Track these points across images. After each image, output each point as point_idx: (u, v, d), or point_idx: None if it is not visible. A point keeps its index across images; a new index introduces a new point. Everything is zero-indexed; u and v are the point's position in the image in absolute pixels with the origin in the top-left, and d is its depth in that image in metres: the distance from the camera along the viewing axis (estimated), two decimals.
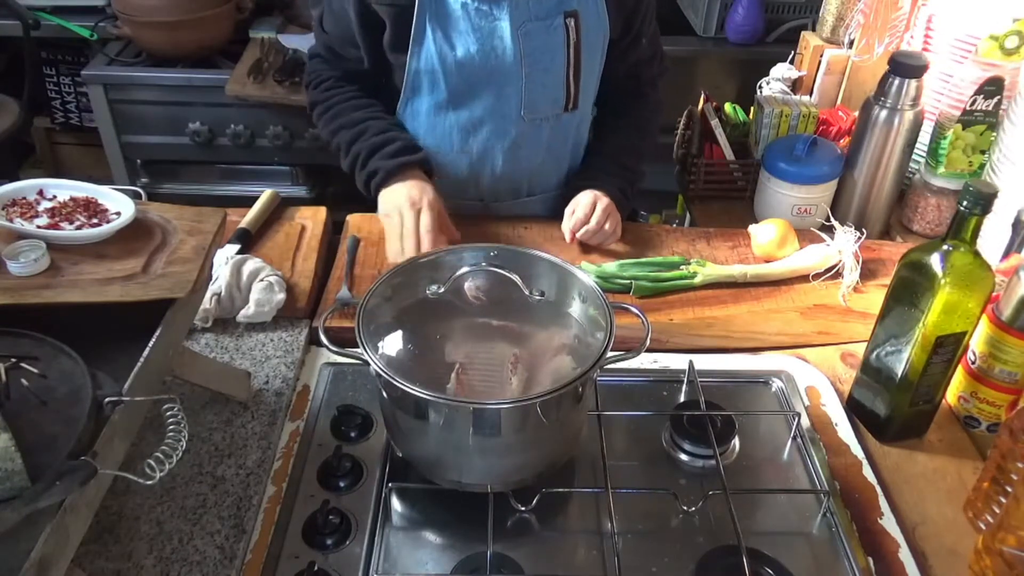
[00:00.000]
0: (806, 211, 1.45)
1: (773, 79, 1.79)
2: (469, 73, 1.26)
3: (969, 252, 0.89)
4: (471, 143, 1.34)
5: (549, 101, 1.32)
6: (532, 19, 1.24)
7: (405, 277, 0.94)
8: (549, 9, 1.24)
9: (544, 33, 1.25)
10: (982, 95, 1.36)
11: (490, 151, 1.35)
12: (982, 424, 1.03)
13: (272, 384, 1.05)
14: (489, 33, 1.23)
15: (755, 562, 0.85)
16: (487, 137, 1.33)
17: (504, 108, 1.30)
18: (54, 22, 2.39)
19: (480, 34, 1.23)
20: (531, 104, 1.30)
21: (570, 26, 1.25)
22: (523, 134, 1.33)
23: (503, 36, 1.23)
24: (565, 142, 1.40)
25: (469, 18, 1.23)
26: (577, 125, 1.39)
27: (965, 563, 0.88)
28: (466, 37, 1.24)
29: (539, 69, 1.27)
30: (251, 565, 0.84)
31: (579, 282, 0.93)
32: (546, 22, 1.24)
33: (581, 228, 1.29)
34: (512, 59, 1.25)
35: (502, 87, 1.28)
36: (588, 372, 0.82)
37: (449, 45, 1.24)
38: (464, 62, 1.25)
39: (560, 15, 1.25)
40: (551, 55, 1.27)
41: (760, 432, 1.04)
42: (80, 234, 0.84)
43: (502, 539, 0.88)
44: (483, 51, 1.24)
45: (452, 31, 1.24)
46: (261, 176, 2.41)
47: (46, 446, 0.65)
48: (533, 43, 1.25)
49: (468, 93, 1.29)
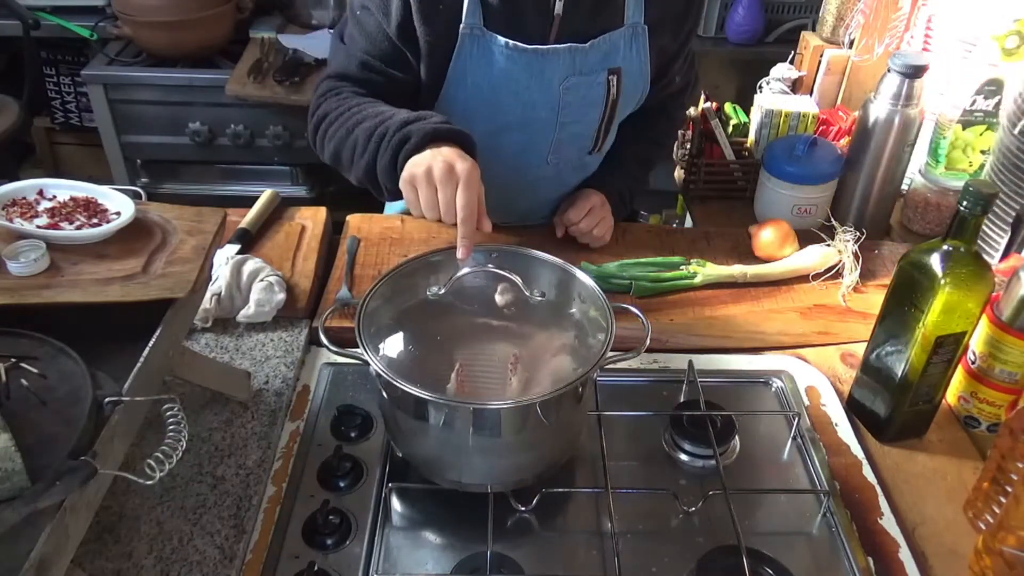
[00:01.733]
0: (806, 211, 1.45)
1: (773, 79, 1.79)
2: (502, 117, 1.21)
3: (969, 252, 0.89)
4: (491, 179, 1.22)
5: (576, 148, 1.29)
6: (576, 74, 1.18)
7: (405, 278, 0.94)
8: (593, 65, 1.19)
9: (585, 88, 1.21)
10: (982, 95, 1.36)
11: (508, 188, 1.30)
12: (982, 424, 1.03)
13: (272, 384, 1.05)
14: (530, 85, 1.18)
15: (755, 562, 0.85)
16: (508, 175, 1.28)
17: (531, 153, 1.26)
18: (54, 22, 2.39)
19: (520, 85, 1.17)
20: (558, 151, 1.28)
21: (612, 83, 1.22)
22: (545, 177, 1.32)
23: (546, 88, 1.18)
24: (580, 178, 1.39)
25: (512, 68, 1.16)
26: (595, 162, 1.38)
27: (965, 563, 0.88)
28: (506, 85, 1.17)
29: (573, 120, 1.24)
30: (251, 565, 0.84)
31: (579, 282, 0.94)
32: (589, 78, 1.20)
33: (571, 225, 1.31)
34: (550, 110, 1.21)
35: (533, 134, 1.24)
36: (588, 372, 0.82)
37: (486, 88, 1.18)
38: (499, 107, 1.20)
39: (604, 71, 1.20)
40: (588, 108, 1.24)
41: (760, 432, 1.04)
42: (80, 234, 0.84)
43: (502, 539, 0.88)
44: (521, 101, 1.19)
45: (492, 76, 1.17)
46: (261, 176, 2.42)
47: (46, 446, 0.65)
48: (572, 97, 1.20)
49: (497, 136, 1.23)
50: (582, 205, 1.31)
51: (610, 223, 1.33)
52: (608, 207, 1.33)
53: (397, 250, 1.31)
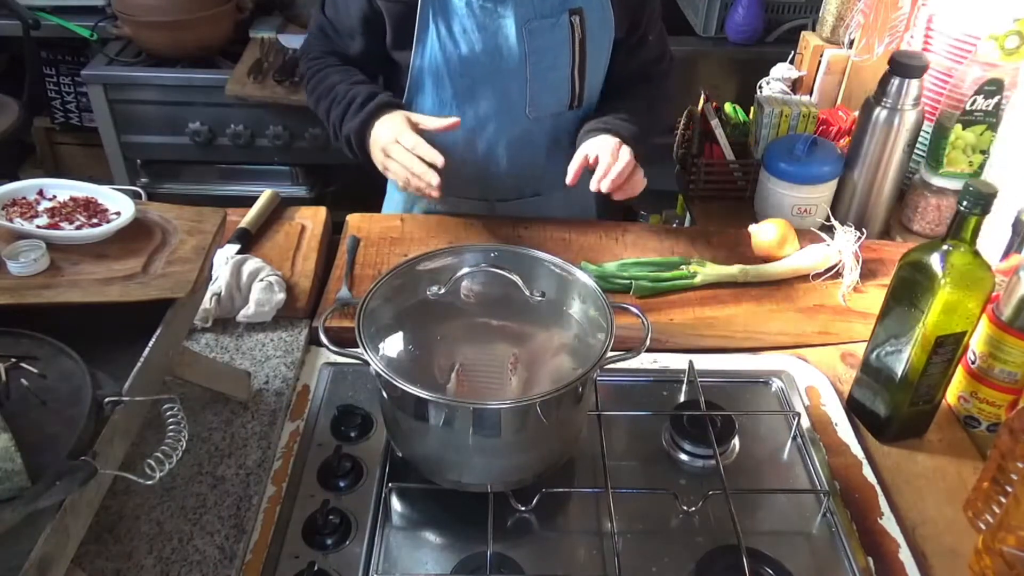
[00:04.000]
0: (806, 211, 1.45)
1: (773, 79, 1.79)
2: (474, 71, 1.26)
3: (969, 252, 0.89)
4: (476, 141, 1.34)
5: (554, 99, 1.32)
6: (537, 17, 1.24)
7: (405, 278, 0.94)
8: (553, 7, 1.24)
9: (549, 31, 1.25)
10: (982, 95, 1.36)
11: (495, 149, 1.35)
12: (982, 424, 1.03)
13: (272, 384, 1.05)
14: (494, 31, 1.24)
15: (755, 562, 0.85)
16: (492, 135, 1.33)
17: (509, 106, 1.30)
18: (54, 22, 2.39)
19: (485, 32, 1.23)
20: (536, 101, 1.30)
21: (575, 23, 1.26)
22: (528, 132, 1.34)
23: (508, 34, 1.24)
24: (569, 140, 1.39)
25: (474, 16, 1.23)
26: (581, 123, 1.39)
27: (965, 563, 0.88)
28: (471, 35, 1.24)
29: (544, 67, 1.27)
30: (251, 565, 0.84)
31: (579, 282, 0.94)
32: (551, 19, 1.24)
33: (611, 173, 1.17)
34: (517, 57, 1.25)
35: (507, 85, 1.28)
36: (588, 372, 0.82)
37: (453, 43, 1.24)
38: (469, 60, 1.25)
39: (565, 12, 1.25)
40: (556, 52, 1.27)
41: (760, 432, 1.04)
42: (80, 234, 0.84)
43: (502, 539, 0.88)
44: (488, 49, 1.24)
45: (456, 29, 1.24)
46: (261, 176, 2.41)
47: (46, 446, 0.65)
48: (538, 41, 1.25)
49: (472, 91, 1.29)
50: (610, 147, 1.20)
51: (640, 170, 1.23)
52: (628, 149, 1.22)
53: (397, 250, 1.31)
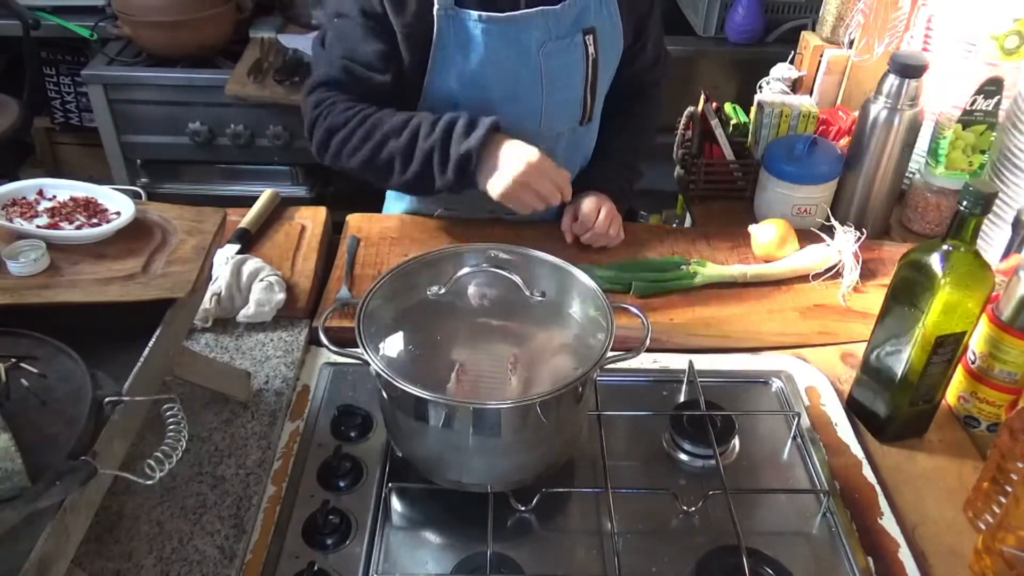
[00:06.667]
0: (806, 211, 1.45)
1: (773, 79, 1.79)
2: (489, 94, 1.24)
3: (969, 252, 0.89)
4: None
5: (567, 116, 1.31)
6: (552, 39, 1.22)
7: (405, 278, 0.94)
8: (568, 28, 1.23)
9: (564, 51, 1.24)
10: (982, 95, 1.35)
11: None
12: (982, 424, 1.03)
13: (272, 384, 1.05)
14: (510, 55, 1.21)
15: (755, 562, 0.85)
16: None
17: (523, 125, 1.27)
18: (54, 22, 2.39)
19: (501, 56, 1.21)
20: (549, 120, 1.30)
21: (588, 43, 1.25)
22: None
23: (524, 57, 1.22)
24: (578, 153, 1.40)
25: (490, 40, 1.20)
26: (589, 136, 1.40)
27: (965, 563, 0.88)
28: (487, 59, 1.21)
29: (559, 87, 1.26)
30: (251, 565, 0.84)
31: (579, 282, 0.93)
32: (565, 40, 1.23)
33: (585, 233, 1.30)
34: (533, 79, 1.24)
35: (522, 106, 1.26)
36: (588, 372, 0.82)
37: (469, 67, 1.22)
38: (484, 83, 1.23)
39: (579, 32, 1.24)
40: (570, 72, 1.26)
41: (760, 432, 1.04)
42: (80, 234, 0.84)
43: (502, 539, 0.88)
44: (504, 72, 1.23)
45: (472, 53, 1.21)
46: (261, 176, 2.41)
47: (46, 446, 0.65)
48: (553, 62, 1.24)
49: (485, 112, 1.23)
50: (590, 211, 1.30)
51: (620, 221, 1.34)
52: (613, 207, 1.33)
53: (397, 250, 1.31)
